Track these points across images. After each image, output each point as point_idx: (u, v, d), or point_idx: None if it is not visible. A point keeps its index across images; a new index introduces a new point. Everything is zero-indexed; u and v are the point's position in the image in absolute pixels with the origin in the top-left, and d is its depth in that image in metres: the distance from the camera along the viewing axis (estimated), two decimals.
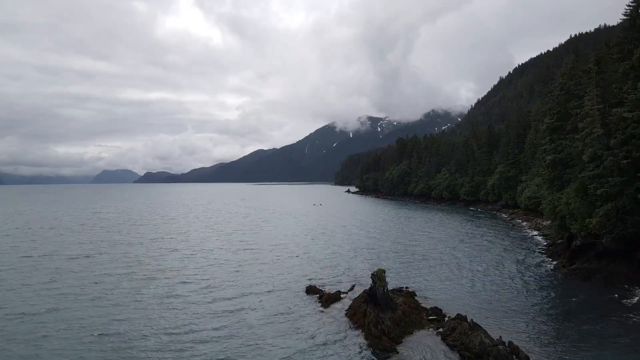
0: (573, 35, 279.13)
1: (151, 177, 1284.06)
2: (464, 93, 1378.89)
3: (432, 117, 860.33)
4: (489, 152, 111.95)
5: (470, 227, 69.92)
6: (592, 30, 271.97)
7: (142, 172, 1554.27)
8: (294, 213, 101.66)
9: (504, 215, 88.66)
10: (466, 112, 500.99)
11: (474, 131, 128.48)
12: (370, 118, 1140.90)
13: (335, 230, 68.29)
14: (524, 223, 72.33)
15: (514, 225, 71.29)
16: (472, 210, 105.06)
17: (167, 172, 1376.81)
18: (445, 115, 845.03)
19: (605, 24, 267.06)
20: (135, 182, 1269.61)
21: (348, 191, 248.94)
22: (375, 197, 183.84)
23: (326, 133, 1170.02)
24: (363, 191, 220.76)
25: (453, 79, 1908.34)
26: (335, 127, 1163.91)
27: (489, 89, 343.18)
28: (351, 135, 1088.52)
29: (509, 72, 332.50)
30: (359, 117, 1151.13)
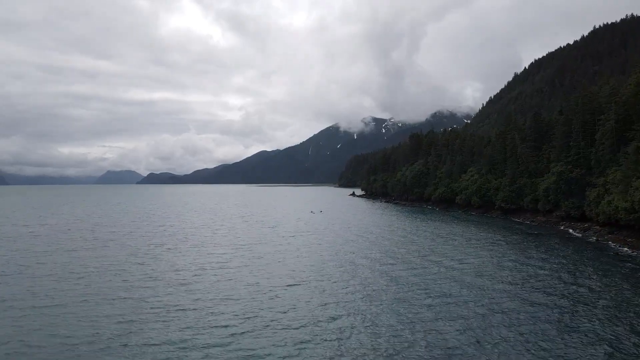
0: (598, 26, 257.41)
1: (154, 178, 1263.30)
2: (469, 93, 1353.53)
3: (439, 118, 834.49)
4: (536, 147, 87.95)
5: (559, 260, 45.22)
6: (618, 20, 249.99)
7: (145, 173, 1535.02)
8: (286, 227, 77.72)
9: (573, 231, 64.36)
10: (473, 113, 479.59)
11: (511, 121, 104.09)
12: (375, 119, 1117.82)
13: (341, 269, 41.46)
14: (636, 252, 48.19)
15: (619, 254, 46.71)
16: (517, 222, 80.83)
17: (170, 173, 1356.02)
18: (451, 117, 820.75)
19: (632, 14, 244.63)
20: (138, 182, 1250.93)
21: (353, 194, 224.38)
22: (385, 201, 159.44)
23: (330, 134, 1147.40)
24: (370, 194, 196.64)
25: (459, 79, 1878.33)
26: (339, 128, 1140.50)
27: (501, 87, 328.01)
28: (355, 137, 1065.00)
29: (525, 67, 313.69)
30: (363, 118, 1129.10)
